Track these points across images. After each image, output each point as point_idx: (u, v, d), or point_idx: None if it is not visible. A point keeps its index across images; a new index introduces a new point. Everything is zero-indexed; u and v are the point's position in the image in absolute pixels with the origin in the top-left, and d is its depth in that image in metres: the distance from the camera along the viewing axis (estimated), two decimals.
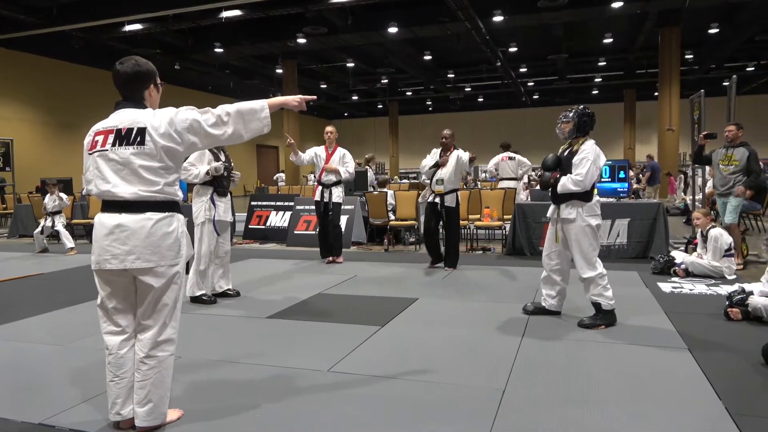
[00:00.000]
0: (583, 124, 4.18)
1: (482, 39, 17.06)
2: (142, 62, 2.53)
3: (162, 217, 2.42)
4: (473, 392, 2.94)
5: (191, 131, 2.44)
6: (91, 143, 2.47)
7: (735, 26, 18.11)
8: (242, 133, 2.53)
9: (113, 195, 2.40)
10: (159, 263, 2.42)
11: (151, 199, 2.40)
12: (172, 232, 2.45)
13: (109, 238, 2.39)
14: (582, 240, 4.09)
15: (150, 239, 2.39)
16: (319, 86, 27.17)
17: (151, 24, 15.48)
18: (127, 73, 2.48)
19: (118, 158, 2.39)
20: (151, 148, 2.39)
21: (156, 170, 2.41)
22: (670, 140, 17.82)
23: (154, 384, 2.46)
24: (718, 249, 5.67)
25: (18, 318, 4.71)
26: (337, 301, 5.17)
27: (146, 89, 2.55)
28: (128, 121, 2.42)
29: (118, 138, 2.40)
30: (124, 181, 2.39)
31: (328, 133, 7.20)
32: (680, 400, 2.80)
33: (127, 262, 2.38)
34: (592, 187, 4.15)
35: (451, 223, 6.56)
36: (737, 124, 6.40)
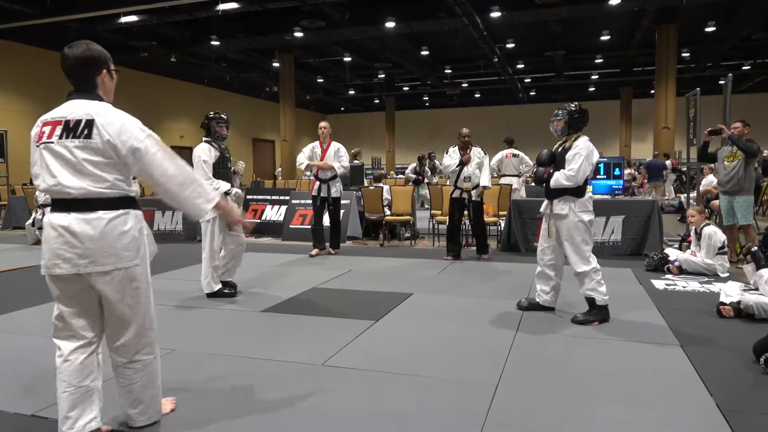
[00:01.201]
0: (575, 121, 4.23)
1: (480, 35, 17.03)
2: (94, 47, 2.32)
3: (115, 216, 2.22)
4: (466, 387, 2.96)
5: (136, 154, 2.22)
6: (38, 134, 2.28)
7: (732, 24, 18.14)
8: (175, 200, 2.32)
9: (61, 191, 2.20)
10: (116, 266, 2.22)
11: (101, 196, 2.20)
12: (128, 231, 2.24)
13: (59, 240, 2.19)
14: (575, 235, 4.12)
15: (104, 240, 2.19)
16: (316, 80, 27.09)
17: (146, 16, 15.37)
18: (78, 58, 2.27)
19: (65, 151, 2.19)
20: (98, 142, 2.18)
21: (104, 165, 2.20)
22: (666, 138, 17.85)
23: (143, 386, 2.38)
24: (712, 247, 5.69)
25: (11, 310, 4.69)
26: (332, 295, 5.17)
27: (98, 75, 2.32)
28: (78, 112, 2.23)
29: (65, 130, 2.21)
30: (71, 175, 2.19)
31: (322, 128, 7.31)
32: (672, 395, 2.82)
33: (80, 266, 2.19)
34: (585, 183, 4.18)
35: (478, 215, 6.96)
36: (743, 121, 6.38)
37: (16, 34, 16.51)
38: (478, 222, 7.03)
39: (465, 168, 6.80)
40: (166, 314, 4.54)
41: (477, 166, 6.84)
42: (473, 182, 6.83)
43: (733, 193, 6.40)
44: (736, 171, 6.34)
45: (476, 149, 6.91)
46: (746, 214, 6.34)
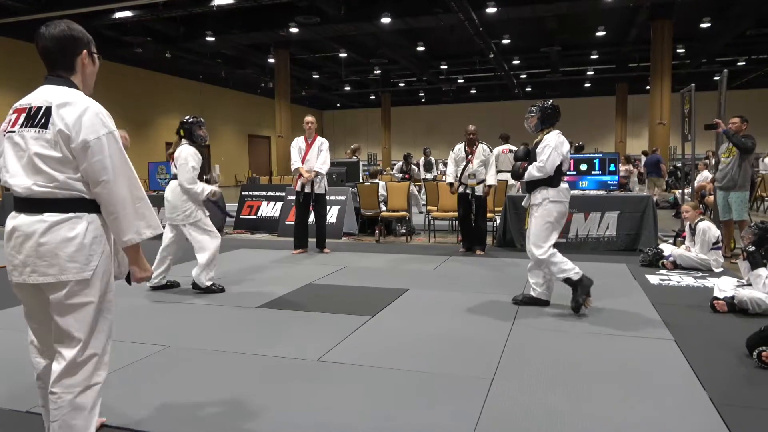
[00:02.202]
0: (547, 117, 4.42)
1: (475, 30, 17.04)
2: (75, 26, 2.04)
3: (60, 220, 1.91)
4: (462, 382, 2.97)
5: (84, 159, 1.90)
6: (7, 122, 2.02)
7: (727, 20, 18.19)
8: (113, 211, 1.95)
9: (11, 187, 1.96)
10: (58, 278, 1.91)
11: (48, 196, 1.91)
12: (73, 238, 1.91)
13: (7, 246, 1.96)
14: (539, 222, 4.28)
15: (44, 247, 1.90)
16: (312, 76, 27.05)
17: (141, 11, 15.32)
18: (55, 37, 1.98)
19: (21, 142, 1.94)
20: (52, 134, 1.90)
21: (56, 161, 1.90)
22: (661, 134, 17.92)
23: (61, 427, 1.94)
24: (706, 242, 5.72)
25: (4, 306, 4.68)
26: (328, 291, 5.18)
27: (78, 57, 2.03)
28: (44, 98, 1.95)
29: (26, 118, 1.95)
30: (21, 170, 1.94)
31: (308, 123, 7.28)
32: (665, 389, 2.84)
33: (24, 275, 1.94)
34: (558, 173, 4.32)
35: (481, 210, 7.08)
36: (741, 117, 6.41)
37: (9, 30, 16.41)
38: (479, 217, 7.11)
39: (470, 165, 6.93)
40: (160, 310, 4.54)
41: (482, 163, 6.93)
42: (478, 178, 6.93)
43: (728, 189, 6.44)
44: (731, 167, 6.38)
45: (482, 146, 7.01)
46: (740, 210, 6.38)
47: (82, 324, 1.96)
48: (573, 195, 7.34)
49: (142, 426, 2.50)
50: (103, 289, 2.01)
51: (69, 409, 1.93)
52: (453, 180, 7.07)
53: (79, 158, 1.91)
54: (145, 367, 3.16)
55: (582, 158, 7.73)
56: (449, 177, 7.15)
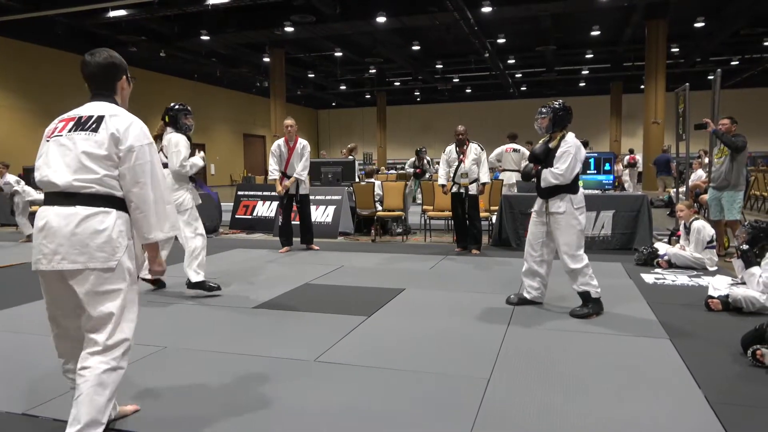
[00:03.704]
0: (560, 119, 4.24)
1: (471, 30, 17.05)
2: (115, 54, 2.41)
3: (92, 213, 2.16)
4: (458, 382, 2.97)
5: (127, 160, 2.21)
6: (51, 129, 2.32)
7: (721, 20, 18.27)
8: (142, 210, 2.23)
9: (49, 182, 2.20)
10: (87, 265, 2.14)
11: (84, 190, 2.16)
12: (103, 231, 2.16)
13: (40, 235, 2.18)
14: (570, 233, 4.15)
15: (76, 237, 2.13)
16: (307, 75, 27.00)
17: (136, 10, 15.25)
18: (100, 64, 2.35)
19: (69, 143, 2.22)
20: (102, 136, 2.20)
21: (100, 159, 2.19)
22: (656, 133, 17.99)
23: (87, 403, 2.11)
24: (701, 241, 5.75)
25: (2, 307, 4.66)
26: (324, 291, 5.18)
27: (118, 81, 2.40)
28: (93, 110, 2.29)
29: (75, 124, 2.26)
30: (64, 167, 2.19)
31: (288, 126, 7.24)
32: (661, 388, 2.85)
33: (53, 262, 2.15)
34: (576, 179, 4.20)
35: (474, 209, 7.08)
36: (731, 118, 6.46)
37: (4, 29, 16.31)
38: (472, 216, 7.14)
39: (462, 164, 6.95)
40: (156, 311, 4.52)
41: (474, 162, 6.96)
42: (471, 177, 6.95)
43: (721, 189, 6.49)
44: (724, 167, 6.42)
45: (473, 145, 7.03)
46: (732, 210, 6.41)
47: (114, 310, 2.19)
48: None
49: (138, 427, 2.49)
50: (128, 279, 2.24)
51: (95, 383, 2.13)
52: (445, 181, 7.08)
53: (123, 159, 2.21)
54: (141, 368, 3.15)
55: None
56: (441, 178, 7.18)
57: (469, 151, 6.97)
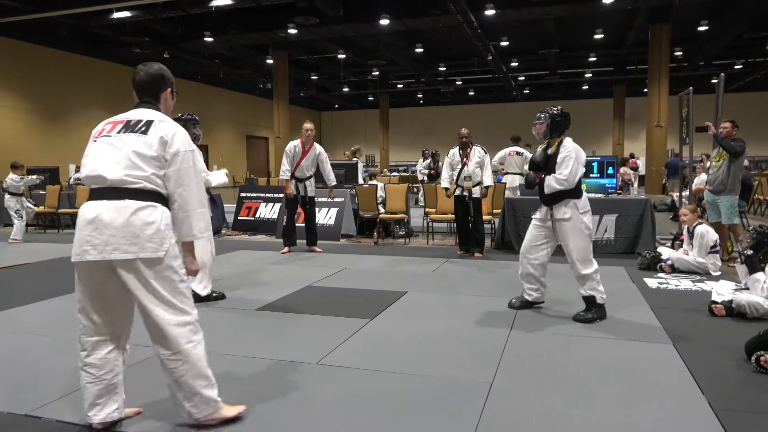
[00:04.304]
0: (558, 124, 4.24)
1: (474, 32, 17.04)
2: (165, 69, 2.61)
3: (142, 206, 2.32)
4: (461, 385, 2.97)
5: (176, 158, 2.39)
6: (99, 130, 2.48)
7: (724, 23, 18.24)
8: (184, 211, 2.40)
9: (98, 177, 2.35)
10: (138, 255, 2.29)
11: (134, 186, 2.33)
12: (153, 223, 2.33)
13: (89, 227, 2.31)
14: (579, 237, 4.13)
15: (128, 228, 2.29)
16: (310, 77, 27.02)
17: (139, 12, 15.28)
18: (150, 74, 2.54)
19: (118, 142, 2.38)
20: (152, 138, 2.38)
21: (149, 159, 2.36)
22: (659, 136, 17.96)
23: (191, 377, 2.39)
24: (704, 245, 5.73)
25: (3, 308, 4.66)
26: (326, 293, 5.17)
27: (163, 92, 2.59)
28: (140, 116, 2.47)
29: (125, 126, 2.43)
30: (114, 163, 2.35)
31: (308, 131, 7.38)
32: (664, 394, 2.84)
33: (105, 252, 2.28)
34: (579, 183, 4.19)
35: (477, 212, 7.08)
36: (732, 122, 6.44)
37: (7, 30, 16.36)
38: (476, 218, 7.14)
39: (465, 167, 6.96)
40: None
41: (477, 165, 6.97)
42: (474, 180, 6.96)
43: (718, 193, 6.48)
44: (722, 171, 6.41)
45: (477, 148, 7.05)
46: (730, 214, 6.40)
47: (171, 292, 2.37)
48: None
49: (141, 428, 2.49)
50: (176, 266, 2.40)
51: (190, 361, 2.37)
52: (448, 184, 7.07)
53: (170, 162, 2.39)
54: (144, 369, 3.14)
55: None
56: (444, 182, 7.15)
57: (473, 154, 6.99)
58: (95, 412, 2.42)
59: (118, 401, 2.47)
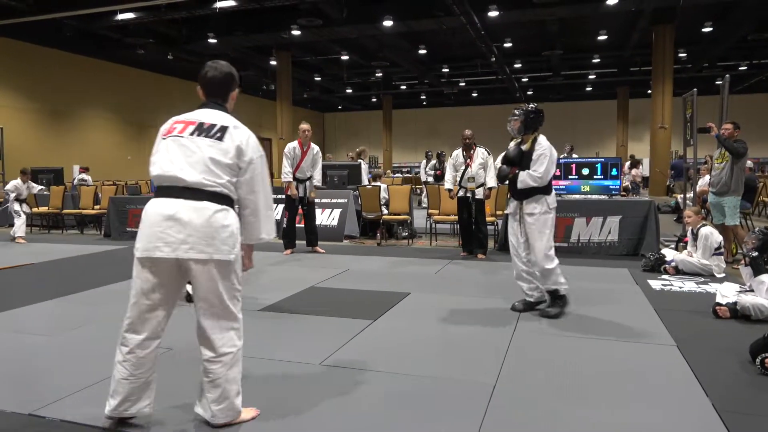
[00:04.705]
0: (531, 121, 4.38)
1: (477, 34, 17.03)
2: (233, 69, 2.62)
3: (219, 209, 2.37)
4: (464, 387, 2.96)
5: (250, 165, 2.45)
6: (168, 129, 2.49)
7: (729, 25, 18.19)
8: (254, 215, 2.51)
9: (176, 178, 2.36)
10: (212, 256, 2.34)
11: (212, 189, 2.37)
12: (228, 226, 2.39)
13: (165, 223, 2.32)
14: (544, 233, 4.28)
15: (206, 229, 2.33)
16: (313, 78, 27.03)
17: (144, 13, 15.31)
18: (224, 72, 2.56)
19: (192, 145, 2.40)
20: (228, 146, 2.41)
21: (225, 166, 2.39)
22: (662, 138, 17.92)
23: (227, 381, 2.44)
24: (708, 247, 5.71)
25: (7, 308, 4.68)
26: (330, 294, 5.18)
27: (232, 92, 2.62)
28: (214, 118, 2.48)
29: (198, 129, 2.44)
30: (190, 167, 2.37)
31: (305, 131, 7.40)
32: (668, 396, 2.83)
33: (180, 251, 2.31)
34: (550, 181, 4.35)
35: (481, 214, 7.10)
36: (734, 123, 6.45)
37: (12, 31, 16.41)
38: (479, 220, 7.14)
39: (468, 168, 6.98)
40: None
41: (481, 166, 6.98)
42: (477, 182, 6.97)
43: (721, 194, 6.47)
44: (725, 172, 6.40)
45: (480, 149, 7.07)
46: (733, 215, 6.39)
47: (230, 297, 2.44)
48: (575, 199, 7.41)
49: (144, 428, 2.50)
50: (238, 272, 2.48)
51: (231, 365, 2.44)
52: (451, 186, 7.10)
53: (243, 169, 2.45)
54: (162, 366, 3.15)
55: (584, 162, 7.73)
56: (448, 183, 7.18)
57: (476, 156, 7.00)
58: (126, 407, 2.42)
59: (150, 396, 2.49)
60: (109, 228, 9.75)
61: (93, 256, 7.68)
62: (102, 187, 11.68)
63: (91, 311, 4.61)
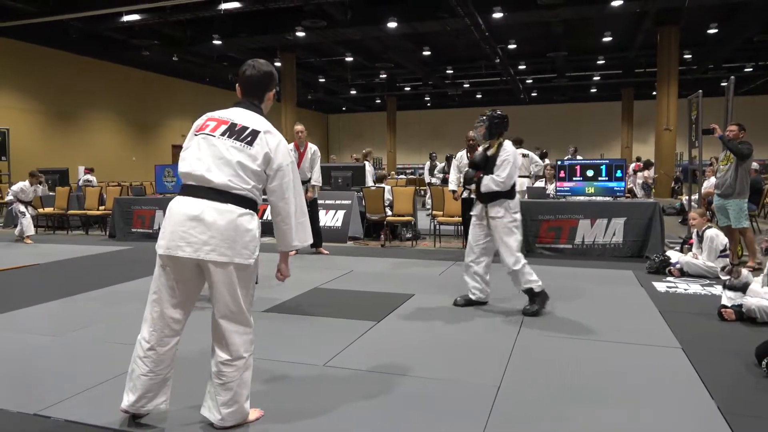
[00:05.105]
0: (495, 127, 4.54)
1: (481, 35, 17.02)
2: (273, 66, 2.59)
3: (243, 213, 2.36)
4: (468, 389, 2.96)
5: (278, 171, 2.43)
6: (201, 125, 2.47)
7: (734, 26, 18.13)
8: (285, 222, 2.49)
9: (203, 178, 2.35)
10: (233, 259, 2.33)
11: (238, 192, 2.35)
12: (251, 230, 2.38)
13: (189, 223, 2.32)
14: (510, 236, 4.43)
15: (229, 233, 2.32)
16: (318, 80, 27.08)
17: (149, 15, 15.38)
18: (263, 71, 2.53)
19: (222, 147, 2.38)
20: (257, 152, 2.38)
21: (252, 172, 2.38)
22: (667, 140, 17.87)
23: (240, 385, 2.44)
24: (714, 249, 5.69)
25: (13, 308, 4.70)
26: (334, 296, 5.18)
27: (269, 91, 2.59)
28: (246, 120, 2.45)
29: (229, 130, 2.41)
30: (218, 169, 2.35)
31: (298, 132, 7.35)
32: (673, 398, 2.82)
33: (201, 252, 2.30)
34: (514, 186, 4.49)
35: None
36: (739, 125, 6.41)
37: (19, 32, 16.52)
38: None
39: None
40: None
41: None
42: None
43: (726, 196, 6.43)
44: (729, 174, 6.36)
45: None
46: (739, 218, 6.35)
47: (246, 301, 2.44)
48: (579, 201, 7.39)
49: (152, 428, 2.50)
50: (256, 273, 2.48)
51: (244, 369, 2.43)
52: (455, 187, 7.08)
53: (271, 176, 2.43)
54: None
55: (588, 164, 7.71)
56: (452, 184, 7.17)
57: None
58: (143, 404, 2.42)
59: (167, 393, 2.49)
60: (113, 229, 9.78)
61: (98, 257, 7.71)
62: (107, 188, 11.72)
63: (95, 311, 4.63)
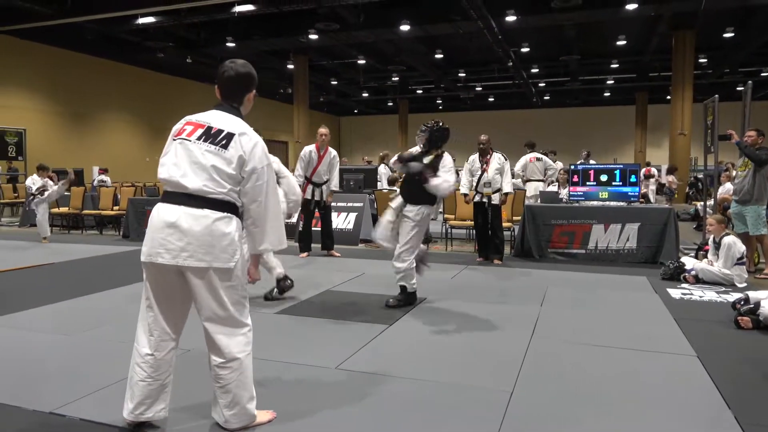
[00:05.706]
0: (435, 138, 4.73)
1: (494, 38, 16.98)
2: (252, 68, 2.56)
3: (220, 217, 2.34)
4: (481, 393, 2.94)
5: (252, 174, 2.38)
6: (179, 130, 2.46)
7: (751, 30, 17.93)
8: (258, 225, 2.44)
9: (179, 184, 2.34)
10: (211, 264, 2.32)
11: (212, 195, 2.34)
12: (228, 234, 2.35)
13: (165, 231, 2.32)
14: (412, 236, 4.68)
15: (205, 238, 2.31)
16: (330, 82, 27.15)
17: (164, 17, 15.52)
18: (240, 73, 2.50)
19: (197, 151, 2.36)
20: (231, 155, 2.35)
21: (227, 175, 2.35)
22: (682, 145, 17.70)
23: (238, 386, 2.43)
24: (731, 256, 5.61)
25: (27, 308, 4.75)
26: (345, 298, 5.18)
27: (248, 93, 2.56)
28: (223, 123, 2.42)
29: (206, 134, 2.39)
30: (194, 174, 2.34)
31: (323, 135, 7.43)
32: (688, 407, 2.79)
33: (179, 258, 2.30)
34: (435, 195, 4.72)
35: (497, 219, 7.08)
36: (758, 130, 6.33)
37: (35, 34, 16.74)
38: (495, 225, 7.11)
39: (485, 174, 6.96)
40: None
41: (497, 172, 6.95)
42: (494, 187, 6.95)
43: (744, 203, 6.36)
44: (747, 180, 6.29)
45: (496, 155, 7.04)
46: (756, 224, 6.27)
47: (234, 303, 2.42)
48: (593, 206, 7.34)
49: (159, 428, 2.51)
50: (241, 277, 2.45)
51: (240, 370, 2.43)
52: (467, 190, 7.08)
53: (246, 179, 2.38)
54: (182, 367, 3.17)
55: (602, 169, 7.66)
56: (464, 187, 7.16)
57: (492, 161, 6.97)
58: (142, 411, 2.41)
59: (166, 399, 2.48)
60: (127, 229, 9.86)
61: (112, 257, 7.77)
62: (121, 189, 11.82)
63: (109, 311, 4.67)
